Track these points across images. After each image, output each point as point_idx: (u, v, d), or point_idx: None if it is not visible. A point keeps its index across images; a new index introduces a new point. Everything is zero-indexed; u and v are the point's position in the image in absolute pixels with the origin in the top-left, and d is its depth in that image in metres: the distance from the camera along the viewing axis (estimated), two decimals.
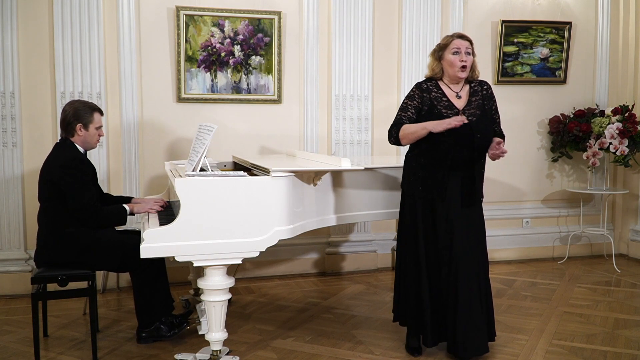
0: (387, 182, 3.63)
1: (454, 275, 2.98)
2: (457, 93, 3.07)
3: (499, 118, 3.19)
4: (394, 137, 3.08)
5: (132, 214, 3.29)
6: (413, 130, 2.99)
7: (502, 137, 3.18)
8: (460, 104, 3.05)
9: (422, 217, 3.06)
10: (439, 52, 3.08)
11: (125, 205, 3.26)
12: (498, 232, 5.40)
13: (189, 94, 4.59)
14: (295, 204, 2.91)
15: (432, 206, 3.03)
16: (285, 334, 3.50)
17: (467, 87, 3.11)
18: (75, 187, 3.06)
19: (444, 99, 3.04)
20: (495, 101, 3.15)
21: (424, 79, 3.16)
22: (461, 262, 2.98)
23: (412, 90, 3.11)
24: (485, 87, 3.13)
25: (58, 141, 3.31)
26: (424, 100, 3.04)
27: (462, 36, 3.05)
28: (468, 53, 3.02)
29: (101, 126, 3.31)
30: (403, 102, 3.12)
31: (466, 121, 2.87)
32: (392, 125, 3.10)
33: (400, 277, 3.22)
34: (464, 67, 3.00)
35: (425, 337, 3.10)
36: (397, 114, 3.10)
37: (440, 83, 3.09)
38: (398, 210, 3.37)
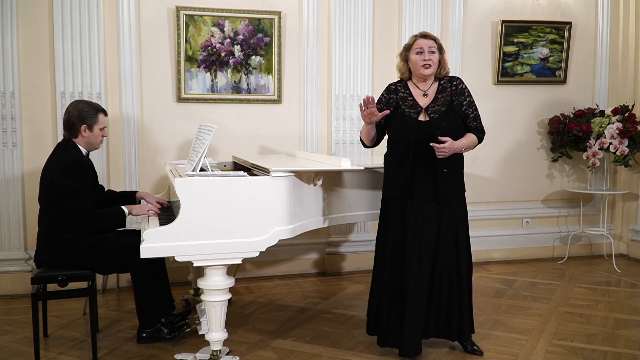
0: None
1: (423, 275, 2.99)
2: (424, 92, 3.09)
3: (474, 113, 3.09)
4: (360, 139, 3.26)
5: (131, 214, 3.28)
6: (362, 129, 3.17)
7: (480, 131, 3.10)
8: (425, 102, 3.06)
9: (392, 217, 3.10)
10: (404, 53, 3.13)
11: (123, 208, 3.20)
12: (498, 232, 5.40)
13: (189, 94, 4.59)
14: (295, 204, 2.92)
15: (402, 206, 3.05)
16: (285, 334, 3.50)
17: (436, 84, 3.11)
18: (71, 191, 3.03)
19: (410, 98, 3.07)
20: (468, 96, 3.08)
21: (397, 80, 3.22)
22: (431, 261, 3.00)
23: (382, 93, 3.18)
24: (455, 82, 3.11)
25: (60, 141, 3.28)
26: (389, 102, 3.11)
27: (425, 35, 3.08)
28: (432, 52, 3.04)
29: (105, 127, 3.29)
30: None
31: (371, 95, 2.93)
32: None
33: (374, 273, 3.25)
34: (426, 65, 3.02)
35: (380, 338, 3.13)
36: None
37: (409, 83, 3.14)
38: None
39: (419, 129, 2.98)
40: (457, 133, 3.00)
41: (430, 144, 2.89)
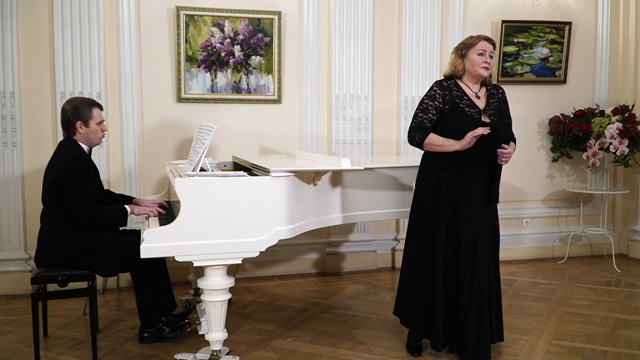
0: (387, 182, 3.63)
1: (477, 275, 2.99)
2: (476, 93, 3.07)
3: (511, 121, 3.20)
4: (416, 142, 3.05)
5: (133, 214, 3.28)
6: (439, 143, 2.97)
7: (515, 139, 3.19)
8: (480, 104, 3.05)
9: (445, 218, 3.03)
10: (462, 50, 3.07)
11: (126, 206, 3.22)
12: None
13: (189, 94, 4.59)
14: (295, 204, 2.91)
15: (455, 206, 3.01)
16: (285, 334, 3.50)
17: (483, 89, 3.12)
18: (73, 187, 3.03)
19: (465, 97, 3.03)
20: (508, 105, 3.17)
21: (442, 77, 3.15)
22: (482, 262, 3.01)
23: (432, 89, 3.06)
24: (500, 90, 3.16)
25: (62, 140, 3.28)
26: (445, 99, 3.01)
27: (488, 39, 3.08)
28: (491, 56, 3.06)
29: (103, 121, 3.28)
30: (423, 102, 3.05)
31: (488, 131, 2.86)
32: (413, 127, 3.05)
33: (408, 277, 3.18)
34: (485, 67, 3.02)
35: (435, 341, 3.08)
36: (418, 115, 3.05)
37: (460, 82, 3.09)
38: (398, 210, 3.35)
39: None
40: (510, 138, 3.09)
41: (498, 150, 2.93)
